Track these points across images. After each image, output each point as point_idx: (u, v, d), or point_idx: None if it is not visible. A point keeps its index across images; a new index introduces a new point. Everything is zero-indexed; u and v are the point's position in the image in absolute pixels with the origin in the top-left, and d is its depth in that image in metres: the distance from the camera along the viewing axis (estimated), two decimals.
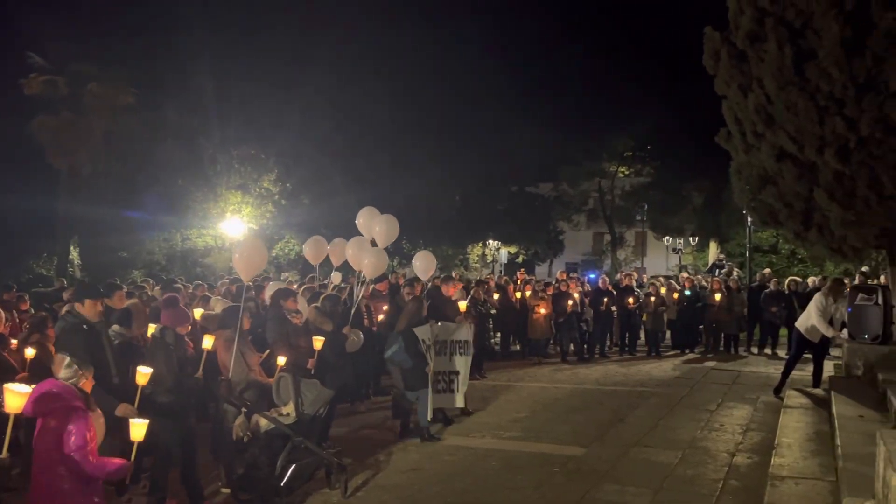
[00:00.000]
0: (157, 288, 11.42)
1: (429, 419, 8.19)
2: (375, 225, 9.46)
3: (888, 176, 10.44)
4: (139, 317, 6.32)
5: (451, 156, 32.63)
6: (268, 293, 8.88)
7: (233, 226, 23.32)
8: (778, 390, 10.41)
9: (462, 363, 8.95)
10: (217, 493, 6.41)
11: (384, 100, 30.02)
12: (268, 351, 7.20)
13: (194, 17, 26.56)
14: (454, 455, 7.53)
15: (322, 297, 8.68)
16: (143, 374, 5.20)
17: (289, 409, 6.33)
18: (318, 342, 7.27)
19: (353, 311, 8.67)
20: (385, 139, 29.96)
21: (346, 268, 13.21)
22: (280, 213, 25.88)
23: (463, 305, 10.17)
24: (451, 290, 10.56)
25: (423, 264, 10.27)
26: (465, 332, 9.20)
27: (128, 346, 6.12)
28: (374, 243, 9.44)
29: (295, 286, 12.65)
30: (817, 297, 10.44)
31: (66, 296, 9.40)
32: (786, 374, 10.57)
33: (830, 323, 9.97)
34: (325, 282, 13.53)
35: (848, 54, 10.24)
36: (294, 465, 6.06)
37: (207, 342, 6.34)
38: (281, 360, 6.69)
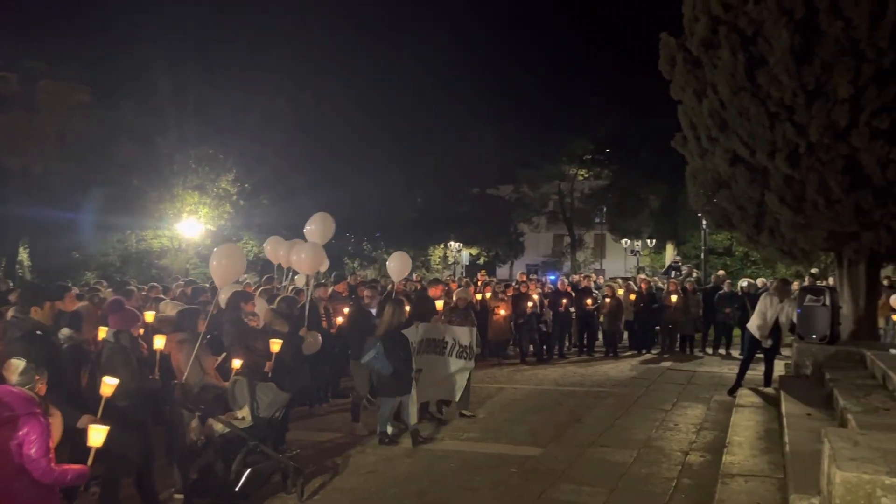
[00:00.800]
0: (109, 290, 11.17)
1: (414, 421, 8.15)
2: (309, 224, 9.38)
3: (836, 181, 10.75)
4: (90, 319, 6.18)
5: (412, 158, 32.67)
6: (224, 296, 8.75)
7: (189, 227, 22.96)
8: (732, 391, 10.63)
9: (433, 361, 8.77)
10: (171, 500, 6.29)
11: (345, 101, 29.94)
12: (224, 354, 7.10)
13: (153, 16, 26.16)
14: (411, 457, 7.52)
15: (278, 298, 8.60)
16: (109, 384, 4.99)
17: (244, 412, 6.25)
18: (275, 345, 7.19)
19: (307, 312, 8.56)
20: (346, 141, 29.86)
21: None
22: (238, 213, 25.56)
23: (440, 304, 10.11)
24: (433, 291, 10.56)
25: (398, 265, 10.16)
26: (466, 336, 9.15)
27: (78, 349, 5.98)
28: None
29: (252, 288, 12.51)
30: (762, 296, 10.73)
31: (12, 298, 9.13)
32: (741, 374, 10.81)
33: (777, 322, 10.18)
34: (286, 283, 13.40)
35: (797, 62, 10.51)
36: (249, 470, 5.98)
37: (159, 343, 6.22)
38: (236, 363, 6.61)
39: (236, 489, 5.90)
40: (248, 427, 6.14)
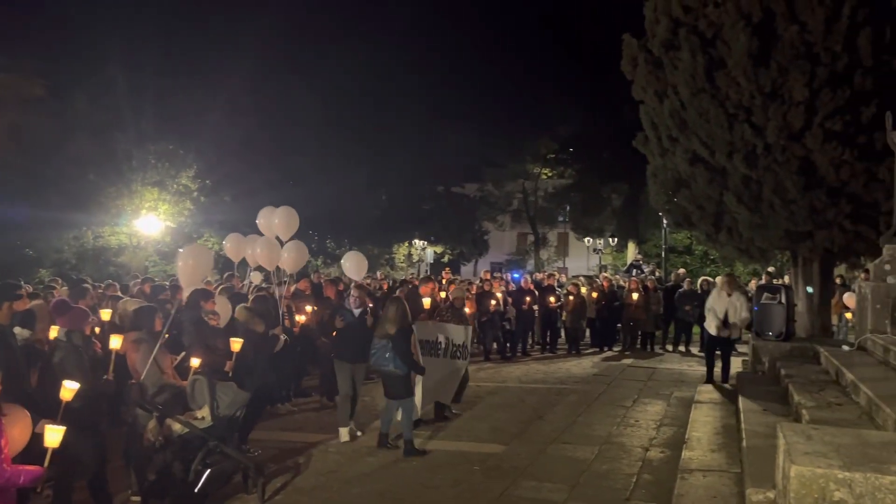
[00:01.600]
0: (64, 288, 10.91)
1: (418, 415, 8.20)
2: (275, 218, 9.30)
3: (791, 181, 11.02)
4: (43, 318, 6.00)
5: (377, 155, 32.52)
6: (185, 294, 8.60)
7: (149, 223, 22.51)
8: (709, 381, 10.81)
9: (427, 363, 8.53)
10: (127, 502, 6.16)
11: (309, 98, 29.66)
12: (183, 353, 6.99)
13: (110, 9, 25.57)
14: (374, 455, 7.48)
15: (253, 297, 8.47)
16: (69, 388, 4.84)
17: (204, 412, 6.15)
18: (235, 344, 7.08)
19: (281, 311, 8.51)
20: (309, 138, 29.58)
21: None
22: (199, 210, 25.13)
23: (427, 302, 10.03)
24: (424, 290, 10.51)
25: (353, 264, 10.12)
26: (460, 335, 9.09)
27: (31, 349, 5.81)
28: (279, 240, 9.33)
29: (213, 286, 12.33)
30: (711, 294, 10.99)
31: None
32: (709, 368, 11.02)
33: (727, 317, 10.38)
34: (247, 282, 13.24)
35: (755, 64, 10.75)
36: (209, 470, 5.89)
37: (115, 342, 6.09)
38: (195, 362, 6.50)
39: (195, 490, 5.80)
40: (207, 427, 6.04)
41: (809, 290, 8.23)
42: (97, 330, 7.30)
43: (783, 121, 10.79)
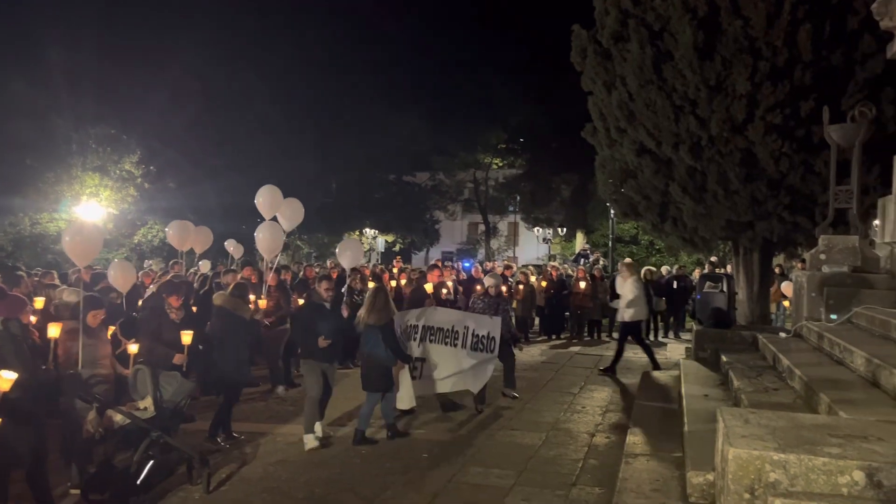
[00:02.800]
0: None
1: (407, 406, 8.12)
2: (282, 207, 9.21)
3: (734, 172, 11.29)
4: None
5: (326, 142, 32.13)
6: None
7: (90, 210, 21.82)
8: (655, 368, 11.17)
9: (439, 352, 8.54)
10: (66, 495, 5.99)
11: (257, 83, 29.11)
12: (132, 341, 6.88)
13: None
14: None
15: (233, 285, 8.29)
16: (7, 378, 4.68)
17: (147, 402, 6.02)
18: (186, 337, 6.90)
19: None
20: (257, 123, 29.05)
21: (214, 254, 12.66)
22: (143, 197, 24.50)
23: (429, 288, 9.92)
24: (431, 277, 10.44)
25: (353, 253, 9.80)
26: (485, 325, 8.78)
27: None
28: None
29: (159, 274, 12.06)
30: (616, 278, 11.71)
31: None
32: (649, 354, 11.41)
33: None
34: (194, 269, 12.98)
35: (700, 57, 10.95)
36: (152, 462, 5.77)
37: (53, 331, 5.90)
38: (133, 349, 6.35)
39: (138, 482, 5.68)
40: (150, 417, 5.91)
41: (833, 316, 8.35)
42: (34, 319, 7.07)
43: (726, 113, 11.04)
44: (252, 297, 10.02)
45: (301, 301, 10.60)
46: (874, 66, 10.33)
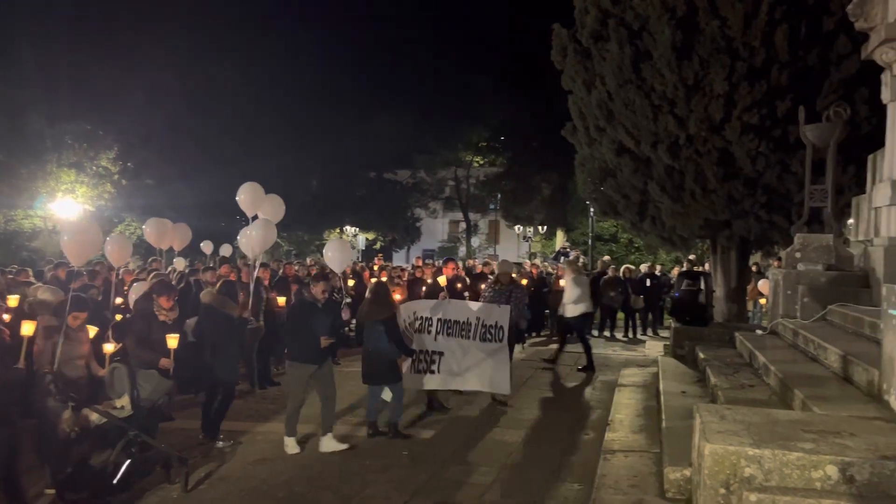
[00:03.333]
0: None
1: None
2: (264, 204, 9.15)
3: (711, 172, 11.41)
4: None
5: (307, 140, 31.92)
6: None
7: (65, 207, 21.53)
8: (586, 368, 11.39)
9: (458, 346, 8.50)
10: (41, 496, 5.91)
11: (237, 79, 28.85)
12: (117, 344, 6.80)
13: None
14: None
15: (219, 282, 8.22)
16: None
17: (123, 401, 5.96)
18: (171, 340, 6.72)
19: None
20: (237, 119, 28.80)
21: (190, 252, 12.56)
22: (120, 194, 24.21)
23: (442, 281, 9.86)
24: (446, 270, 10.43)
25: (341, 255, 9.46)
26: (493, 315, 8.65)
27: None
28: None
29: (137, 272, 11.94)
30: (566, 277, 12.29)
31: None
32: (588, 352, 11.62)
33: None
34: (171, 267, 12.87)
35: (678, 57, 11.04)
36: (129, 461, 5.71)
37: (27, 329, 5.82)
38: (108, 348, 6.28)
39: (115, 481, 5.62)
40: (127, 416, 5.86)
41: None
42: (7, 317, 6.98)
43: (704, 113, 11.16)
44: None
45: (281, 300, 10.55)
46: (849, 67, 10.49)
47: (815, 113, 10.17)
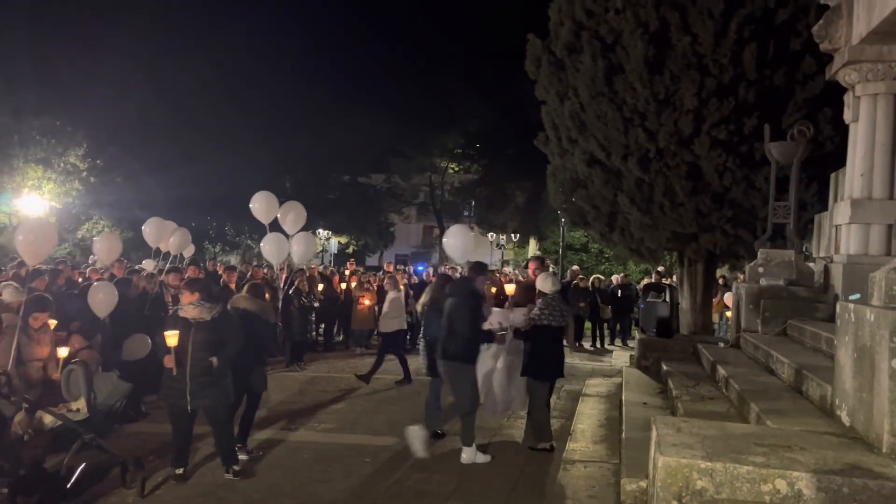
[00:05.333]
0: None
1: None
2: (288, 212, 9.02)
3: (680, 185, 11.55)
4: None
5: (281, 140, 31.71)
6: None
7: (31, 203, 21.13)
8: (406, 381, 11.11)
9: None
10: None
11: (210, 73, 28.58)
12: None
13: None
14: (264, 448, 7.35)
15: (250, 284, 7.80)
16: None
17: (79, 404, 5.87)
18: (171, 339, 6.13)
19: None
20: (209, 115, 28.48)
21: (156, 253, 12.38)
22: (88, 191, 23.84)
23: (510, 289, 9.32)
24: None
25: (304, 249, 9.62)
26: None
27: None
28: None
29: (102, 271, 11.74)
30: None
31: None
32: (377, 364, 11.24)
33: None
34: (137, 267, 12.68)
35: (650, 71, 11.18)
36: (83, 464, 5.62)
37: None
38: (62, 352, 6.16)
39: (68, 485, 5.53)
40: (83, 419, 5.77)
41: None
42: None
43: (674, 127, 11.31)
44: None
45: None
46: (814, 87, 10.71)
47: (781, 130, 10.37)
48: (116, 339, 7.86)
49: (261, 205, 9.45)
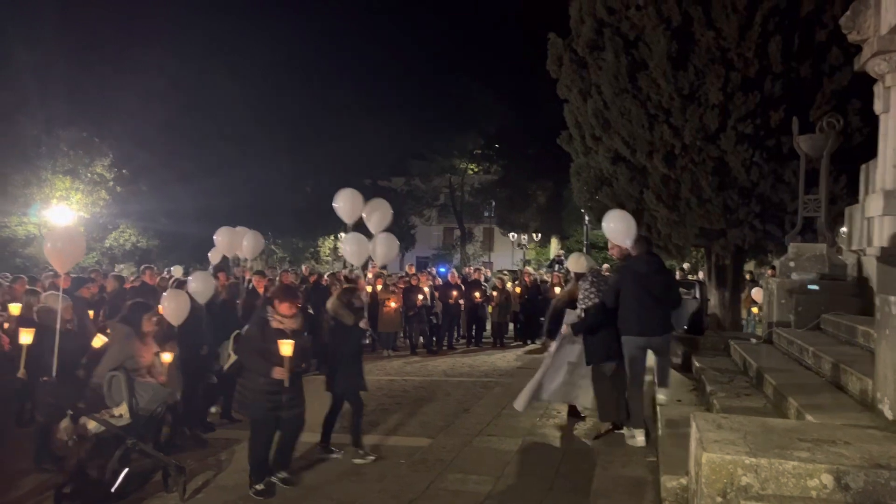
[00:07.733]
0: None
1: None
2: (374, 211, 8.95)
3: (706, 181, 11.48)
4: None
5: (302, 146, 31.96)
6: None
7: (60, 214, 21.48)
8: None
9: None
10: None
11: (232, 85, 28.89)
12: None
13: None
14: (298, 450, 7.40)
15: (343, 290, 7.70)
16: None
17: (122, 409, 5.96)
18: (286, 347, 6.09)
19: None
20: (233, 126, 28.80)
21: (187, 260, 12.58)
22: (115, 200, 24.19)
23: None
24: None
25: (384, 249, 9.26)
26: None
27: None
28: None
29: (133, 279, 11.92)
30: None
31: None
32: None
33: None
34: (166, 275, 12.87)
35: (674, 67, 11.13)
36: (127, 470, 5.72)
37: (26, 338, 5.82)
38: (166, 357, 6.28)
39: (112, 490, 5.63)
40: (125, 425, 5.86)
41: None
42: (6, 325, 6.97)
43: (699, 122, 11.24)
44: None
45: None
46: (841, 79, 10.59)
47: (809, 123, 10.26)
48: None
49: (345, 203, 9.19)
